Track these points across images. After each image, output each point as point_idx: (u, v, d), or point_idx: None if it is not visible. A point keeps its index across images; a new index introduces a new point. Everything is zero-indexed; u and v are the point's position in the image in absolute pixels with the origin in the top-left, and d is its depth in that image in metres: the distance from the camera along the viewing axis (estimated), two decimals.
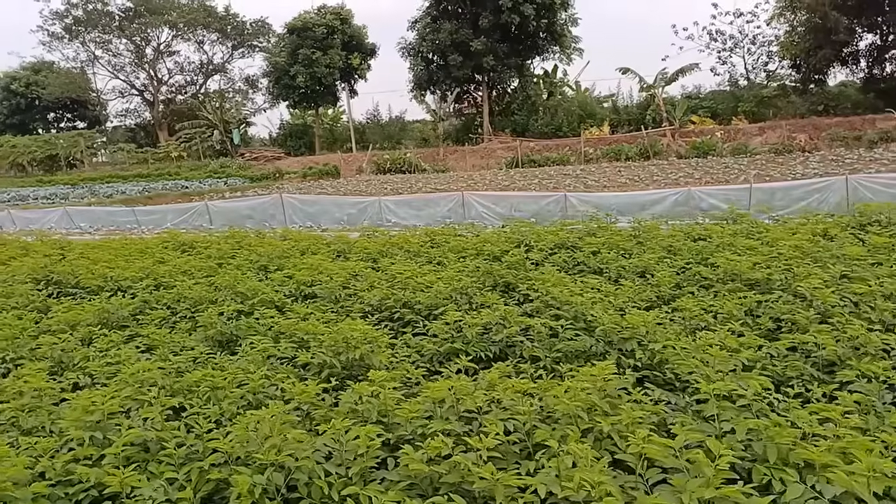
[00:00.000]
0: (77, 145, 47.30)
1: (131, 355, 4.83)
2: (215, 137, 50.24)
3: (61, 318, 6.00)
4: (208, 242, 10.08)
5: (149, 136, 55.89)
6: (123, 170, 44.74)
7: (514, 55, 46.09)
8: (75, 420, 3.45)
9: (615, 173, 30.45)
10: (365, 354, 4.15)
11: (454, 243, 8.10)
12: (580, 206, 16.66)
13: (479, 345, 4.54)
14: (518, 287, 5.83)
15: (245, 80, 59.00)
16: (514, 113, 48.85)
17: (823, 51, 34.24)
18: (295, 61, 49.38)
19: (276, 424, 2.98)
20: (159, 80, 57.01)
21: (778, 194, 14.26)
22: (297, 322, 5.38)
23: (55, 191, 35.23)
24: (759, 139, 34.20)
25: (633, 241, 7.48)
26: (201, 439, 3.18)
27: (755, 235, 7.00)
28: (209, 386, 3.99)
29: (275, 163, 48.15)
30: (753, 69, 43.18)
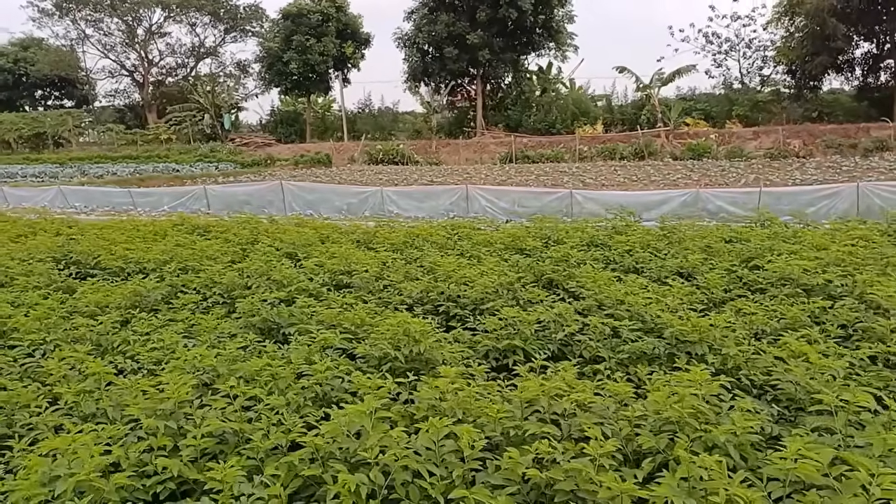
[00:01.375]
0: (65, 124, 46.21)
1: (176, 340, 4.67)
2: (206, 121, 49.47)
3: (90, 299, 5.80)
4: (223, 227, 9.86)
5: (137, 118, 54.84)
6: (112, 150, 43.84)
7: (510, 50, 45.99)
8: (146, 408, 3.30)
9: (611, 172, 30.51)
10: (429, 348, 4.04)
11: (480, 237, 8.00)
12: (585, 204, 16.66)
13: (536, 342, 4.45)
14: (562, 284, 5.75)
15: (236, 64, 58.21)
16: (508, 108, 48.80)
17: (820, 57, 34.62)
18: (288, 47, 48.76)
19: (371, 421, 2.86)
20: (150, 62, 55.93)
21: (785, 199, 14.36)
22: (341, 312, 5.26)
23: (44, 169, 34.40)
24: (753, 143, 34.51)
25: (665, 240, 7.43)
26: (285, 433, 3.05)
27: (791, 240, 6.99)
28: (270, 375, 3.86)
29: (265, 149, 47.54)
30: (748, 73, 43.63)
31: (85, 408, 3.52)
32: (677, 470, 2.46)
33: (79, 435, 3.06)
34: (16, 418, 3.67)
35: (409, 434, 2.92)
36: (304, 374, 3.92)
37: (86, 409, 3.51)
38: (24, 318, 5.21)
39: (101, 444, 3.09)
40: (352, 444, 2.86)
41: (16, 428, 3.62)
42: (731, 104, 40.64)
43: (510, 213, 17.71)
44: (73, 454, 2.91)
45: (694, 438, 2.79)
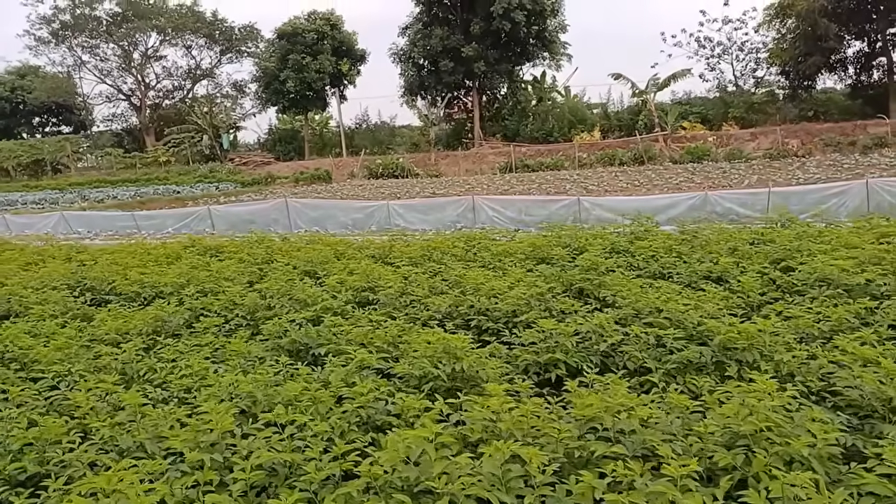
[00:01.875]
0: (63, 150, 46.24)
1: (205, 366, 4.53)
2: (204, 142, 49.56)
3: (110, 326, 5.66)
4: (236, 247, 9.74)
5: (135, 141, 54.93)
6: (111, 175, 43.84)
7: (505, 61, 46.25)
8: (187, 439, 3.16)
9: (612, 178, 30.49)
10: (472, 365, 3.90)
11: (500, 248, 7.88)
12: (593, 211, 16.57)
13: (578, 355, 4.32)
14: (593, 293, 5.62)
15: (233, 85, 58.44)
16: (505, 118, 48.99)
17: (813, 58, 34.78)
18: (285, 66, 49.05)
19: (431, 447, 2.72)
20: (147, 85, 56.11)
21: (793, 198, 14.28)
22: (371, 330, 5.13)
23: (44, 196, 34.35)
24: (752, 145, 34.56)
25: (687, 244, 7.32)
26: (336, 462, 2.91)
27: (817, 239, 6.87)
28: (309, 400, 3.72)
29: (265, 167, 47.60)
30: (742, 76, 43.81)
31: (121, 442, 3.37)
32: (766, 488, 2.32)
33: (121, 472, 2.93)
34: (48, 455, 3.53)
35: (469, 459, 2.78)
36: (344, 398, 3.78)
37: (122, 443, 3.37)
38: (45, 349, 5.07)
39: (143, 482, 2.96)
40: (411, 472, 2.71)
41: (49, 466, 3.47)
42: (727, 107, 40.76)
43: (517, 223, 17.61)
44: (118, 494, 2.77)
45: (773, 453, 2.65)
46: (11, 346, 5.04)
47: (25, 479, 3.44)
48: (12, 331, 5.37)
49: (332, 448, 3.14)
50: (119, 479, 2.90)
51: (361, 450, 3.02)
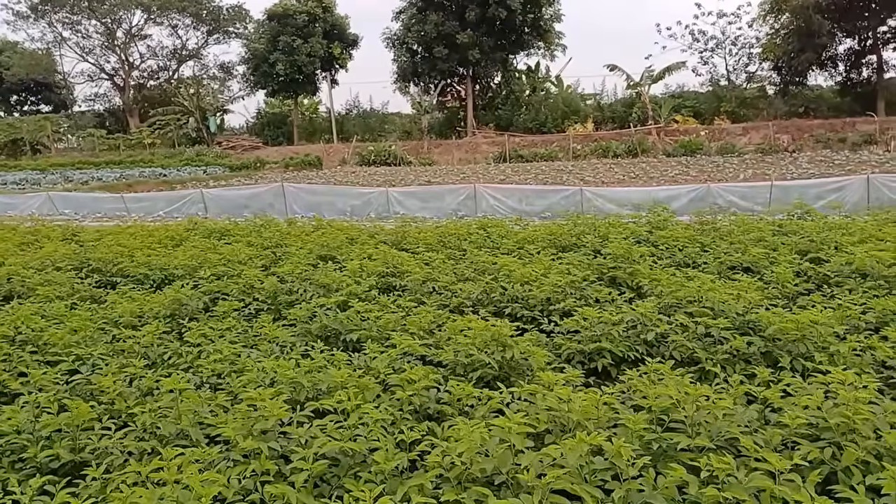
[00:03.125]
0: (43, 129, 45.06)
1: (237, 351, 4.35)
2: (191, 125, 48.64)
3: (125, 308, 5.44)
4: (242, 231, 9.49)
5: (118, 122, 53.76)
6: (94, 156, 42.86)
7: (499, 49, 45.93)
8: (237, 427, 2.99)
9: (608, 170, 30.49)
10: (523, 354, 3.77)
11: (521, 235, 7.75)
12: (595, 201, 16.51)
13: (625, 343, 4.21)
14: (626, 281, 5.52)
15: (220, 66, 57.39)
16: (498, 108, 48.74)
17: (805, 54, 34.98)
18: (275, 48, 48.23)
19: (514, 437, 2.59)
20: (130, 65, 54.86)
21: (794, 192, 14.31)
22: (403, 316, 4.97)
23: (24, 176, 33.43)
24: (744, 139, 34.77)
25: (708, 235, 7.25)
26: (404, 450, 2.77)
27: (839, 230, 6.82)
28: (356, 387, 3.56)
29: (253, 152, 46.89)
30: (734, 70, 43.97)
31: (163, 428, 3.19)
32: (859, 483, 2.22)
33: (173, 460, 2.75)
34: (82, 442, 3.33)
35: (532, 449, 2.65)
36: (391, 385, 3.64)
37: (164, 429, 3.18)
38: (59, 331, 4.84)
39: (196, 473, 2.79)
40: (487, 464, 2.58)
41: (84, 453, 3.29)
42: (719, 101, 40.93)
43: (519, 212, 17.47)
44: (172, 484, 2.60)
45: (863, 447, 2.56)
46: (24, 327, 4.80)
47: (59, 468, 3.25)
48: (23, 311, 5.12)
49: (388, 437, 3.00)
50: (169, 467, 2.73)
51: (429, 439, 2.87)
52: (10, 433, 3.34)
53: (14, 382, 3.93)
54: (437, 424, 3.21)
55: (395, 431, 3.09)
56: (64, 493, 2.85)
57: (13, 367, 4.32)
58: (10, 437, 3.33)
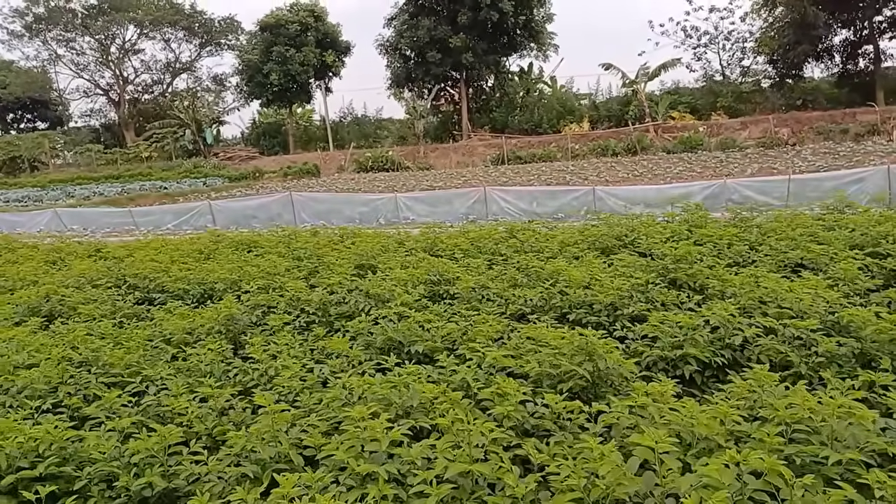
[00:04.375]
0: (41, 146, 44.75)
1: (309, 366, 4.23)
2: (187, 137, 48.43)
3: (177, 325, 5.31)
4: (269, 241, 9.36)
5: (114, 137, 53.47)
6: (92, 171, 42.57)
7: (492, 52, 45.98)
8: (348, 449, 2.88)
9: (609, 168, 30.46)
10: (612, 364, 3.66)
11: (561, 238, 7.65)
12: (608, 200, 16.47)
13: (709, 349, 4.10)
14: (687, 283, 5.41)
15: (213, 78, 57.24)
16: (493, 110, 48.77)
17: (802, 46, 35.12)
18: (268, 59, 48.22)
19: (656, 457, 2.48)
20: (125, 79, 54.62)
21: (810, 185, 14.32)
22: (464, 326, 4.86)
23: (26, 193, 33.14)
24: (743, 134, 34.84)
25: (753, 231, 7.17)
26: (531, 472, 2.66)
27: (892, 223, 6.73)
28: (448, 403, 3.45)
29: (250, 162, 46.70)
30: (728, 65, 44.17)
31: (261, 451, 3.07)
32: None
33: (287, 489, 2.64)
34: (175, 469, 3.21)
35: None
36: (481, 400, 3.53)
37: (264, 453, 3.07)
38: (118, 352, 4.71)
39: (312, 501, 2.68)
40: (632, 485, 2.46)
41: (177, 481, 3.16)
42: (716, 96, 41.05)
43: (530, 214, 17.42)
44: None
45: None
46: (83, 348, 4.67)
47: (151, 496, 3.13)
48: (77, 333, 4.99)
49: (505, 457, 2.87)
50: (287, 494, 2.62)
51: (545, 457, 2.76)
52: (100, 460, 3.21)
53: (89, 407, 3.81)
54: (540, 441, 3.10)
55: (499, 449, 2.99)
56: None
57: (78, 390, 4.19)
58: (100, 464, 3.21)
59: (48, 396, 4.04)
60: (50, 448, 3.25)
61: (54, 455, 3.24)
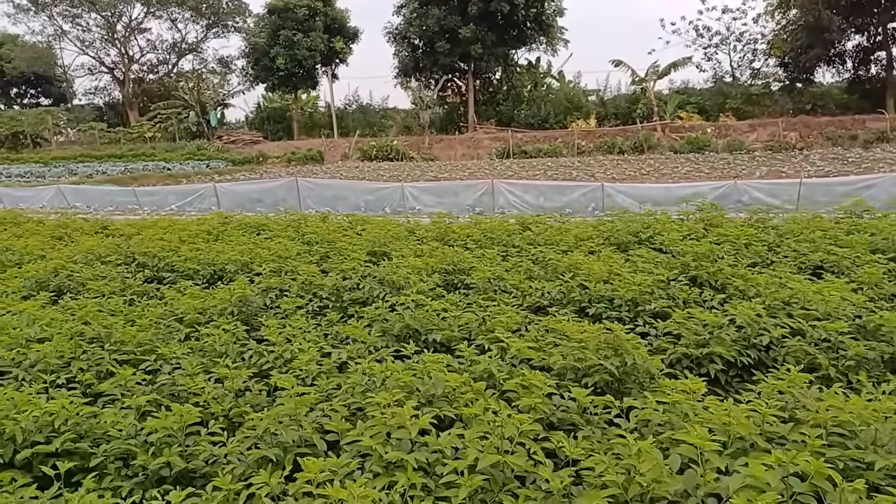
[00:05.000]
0: (44, 122, 44.49)
1: (325, 350, 4.17)
2: (191, 119, 48.19)
3: (189, 305, 5.24)
4: (279, 225, 9.28)
5: (118, 116, 53.19)
6: (94, 149, 42.37)
7: (501, 44, 45.64)
8: (375, 435, 2.81)
9: (615, 166, 30.37)
10: (640, 360, 3.58)
11: (575, 233, 7.57)
12: (616, 198, 16.39)
13: (734, 348, 4.02)
14: (709, 281, 5.34)
15: (219, 60, 56.90)
16: (500, 103, 48.49)
17: (814, 50, 34.91)
18: (275, 42, 47.81)
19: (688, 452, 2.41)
20: (130, 58, 54.24)
21: (820, 190, 14.24)
22: (481, 316, 4.79)
23: (28, 169, 32.98)
24: (751, 136, 34.70)
25: (765, 232, 7.10)
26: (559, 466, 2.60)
27: None
28: (473, 393, 3.38)
29: (254, 146, 46.51)
30: (739, 66, 43.94)
31: (286, 435, 3.00)
32: None
33: (314, 474, 2.57)
34: (194, 449, 3.15)
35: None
36: (507, 392, 3.46)
37: (287, 437, 3.00)
38: (130, 329, 4.63)
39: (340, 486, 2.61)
40: (673, 484, 2.39)
41: (197, 462, 3.10)
42: (724, 98, 40.86)
43: (537, 208, 17.34)
44: (325, 500, 2.42)
45: None
46: (95, 324, 4.59)
47: (169, 476, 3.06)
48: (89, 308, 4.91)
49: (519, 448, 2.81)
50: (316, 479, 2.55)
51: (595, 455, 2.68)
52: (117, 437, 3.15)
53: (103, 383, 3.73)
54: (566, 435, 3.03)
55: (530, 441, 2.92)
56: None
57: (91, 366, 4.12)
58: (117, 441, 3.14)
59: (61, 371, 3.97)
60: (66, 423, 3.18)
61: (70, 431, 3.17)
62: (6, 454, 3.05)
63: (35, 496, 2.72)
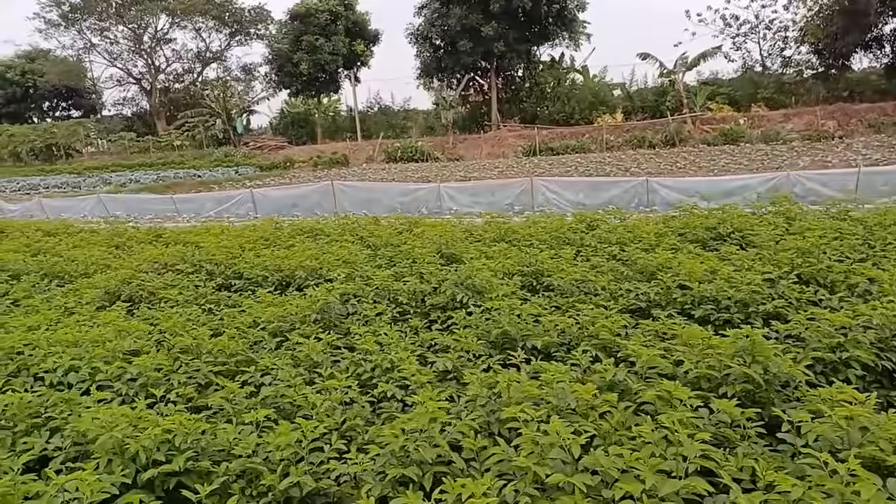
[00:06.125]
0: (76, 134, 45.37)
1: (425, 359, 3.98)
2: (217, 126, 48.71)
3: (272, 313, 5.10)
4: (334, 228, 9.16)
5: (146, 125, 54.05)
6: (125, 159, 43.07)
7: (524, 41, 45.22)
8: (529, 455, 2.61)
9: (648, 161, 29.80)
10: (782, 367, 3.31)
11: (648, 229, 7.30)
12: (661, 192, 16.02)
13: (871, 352, 3.71)
14: (816, 279, 5.03)
15: (242, 68, 57.47)
16: (523, 100, 48.10)
17: (851, 35, 33.91)
18: (298, 48, 48.14)
19: None
20: (157, 68, 55.11)
21: (879, 179, 13.72)
22: (577, 321, 4.57)
23: (64, 180, 33.59)
24: (787, 126, 33.83)
25: (856, 225, 6.74)
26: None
27: None
28: (606, 406, 3.16)
29: (280, 151, 46.84)
30: (769, 55, 42.95)
31: (424, 453, 2.82)
32: None
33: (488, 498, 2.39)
34: (323, 468, 2.98)
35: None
36: (643, 404, 3.23)
37: (425, 454, 2.81)
38: (223, 339, 4.50)
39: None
40: None
41: (326, 481, 2.93)
42: (756, 87, 39.94)
43: (577, 205, 17.03)
44: None
45: None
46: (185, 334, 4.47)
47: (296, 498, 2.90)
48: (175, 320, 4.81)
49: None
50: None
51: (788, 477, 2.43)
52: (240, 455, 3.00)
53: (209, 396, 3.60)
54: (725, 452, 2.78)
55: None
56: None
57: (190, 379, 3.99)
58: (240, 460, 2.99)
59: (161, 385, 3.85)
60: (185, 441, 3.04)
61: (189, 448, 3.03)
62: (129, 475, 2.92)
63: None
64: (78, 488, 2.68)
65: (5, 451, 3.22)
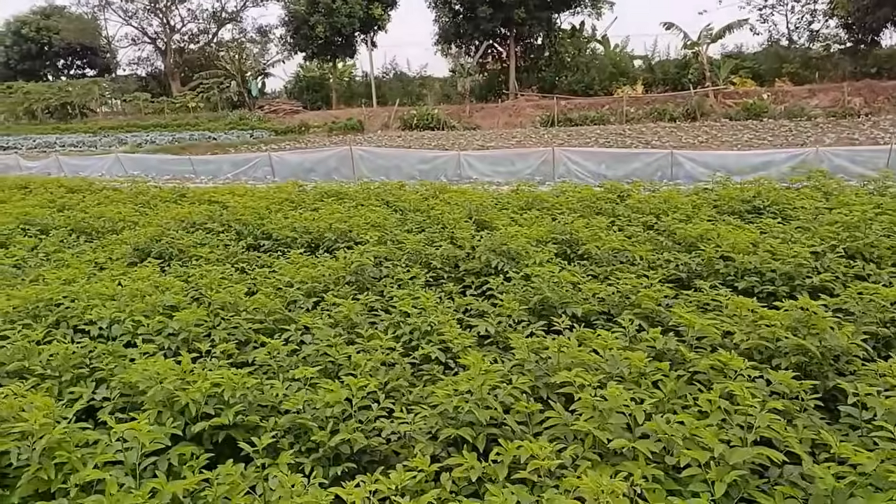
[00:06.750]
0: (90, 93, 45.19)
1: (465, 323, 3.94)
2: (232, 88, 48.32)
3: (306, 274, 5.07)
4: (359, 193, 9.08)
5: (160, 86, 53.72)
6: (139, 119, 42.95)
7: (545, 8, 44.13)
8: (589, 419, 2.57)
9: (669, 134, 29.30)
10: (840, 340, 3.24)
11: (681, 200, 7.15)
12: (686, 165, 15.77)
13: None
14: (864, 254, 4.91)
15: (258, 30, 56.67)
16: (542, 70, 47.17)
17: (883, 9, 32.81)
18: (314, 10, 47.26)
19: None
20: (172, 28, 54.45)
21: None
22: (616, 290, 4.50)
23: (80, 139, 33.60)
24: (812, 102, 33.04)
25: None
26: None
27: None
28: (659, 374, 3.11)
29: (294, 116, 46.50)
30: (796, 28, 41.74)
31: (479, 415, 2.78)
32: None
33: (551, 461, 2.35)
34: (373, 426, 2.97)
35: None
36: (697, 374, 3.18)
37: (480, 416, 2.78)
38: (260, 297, 4.48)
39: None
40: None
41: (376, 440, 2.92)
42: (781, 62, 38.91)
43: (599, 176, 16.81)
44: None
45: None
46: (223, 292, 4.46)
47: (345, 454, 2.90)
48: (212, 277, 4.79)
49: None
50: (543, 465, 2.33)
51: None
52: (290, 410, 2.99)
53: (258, 353, 3.59)
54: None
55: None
56: None
57: (231, 335, 3.99)
58: (290, 416, 2.98)
59: (203, 340, 3.84)
60: (234, 395, 3.03)
61: (238, 403, 3.02)
62: (179, 426, 2.92)
63: (229, 473, 2.57)
64: (130, 438, 2.68)
65: (53, 401, 3.23)
